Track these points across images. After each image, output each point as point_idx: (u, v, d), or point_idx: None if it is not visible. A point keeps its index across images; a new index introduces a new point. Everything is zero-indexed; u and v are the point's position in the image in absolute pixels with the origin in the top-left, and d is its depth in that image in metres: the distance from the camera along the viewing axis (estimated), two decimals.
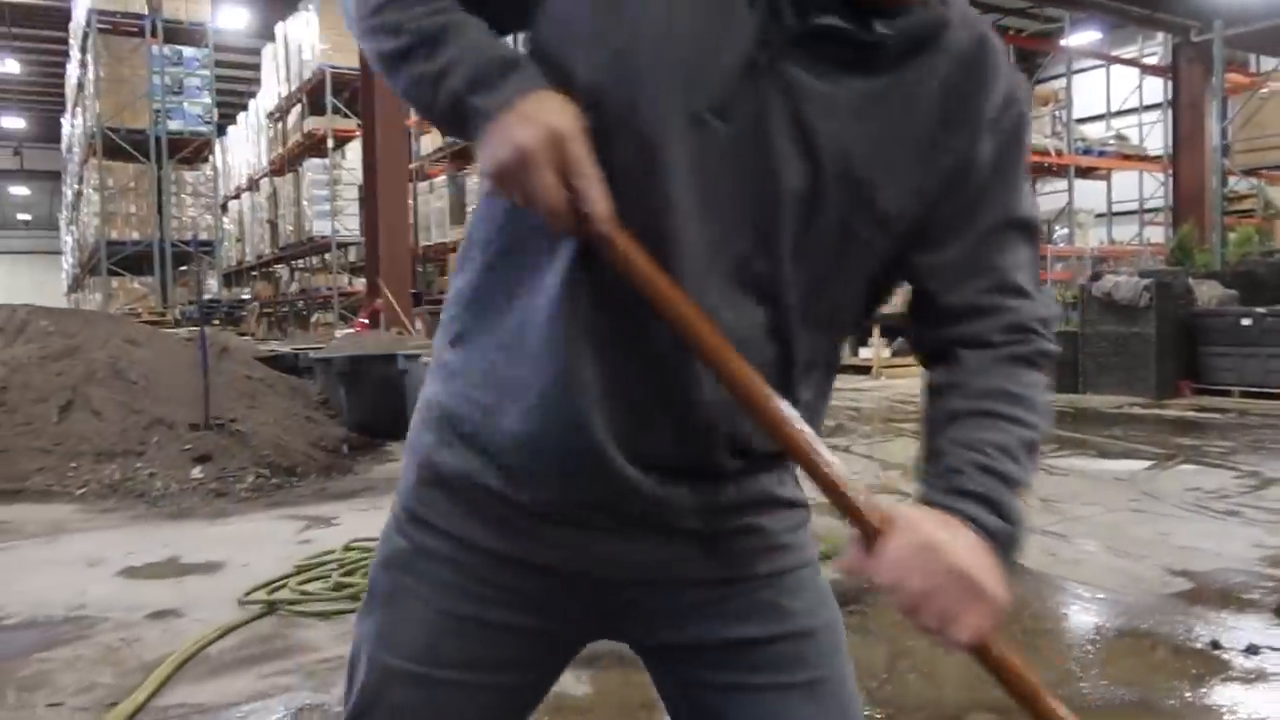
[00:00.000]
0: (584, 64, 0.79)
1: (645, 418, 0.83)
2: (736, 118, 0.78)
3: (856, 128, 0.80)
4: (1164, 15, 14.07)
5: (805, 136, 0.79)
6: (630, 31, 0.78)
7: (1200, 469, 5.45)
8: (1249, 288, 9.67)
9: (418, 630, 0.89)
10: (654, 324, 0.79)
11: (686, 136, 0.78)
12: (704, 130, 0.78)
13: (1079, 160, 14.48)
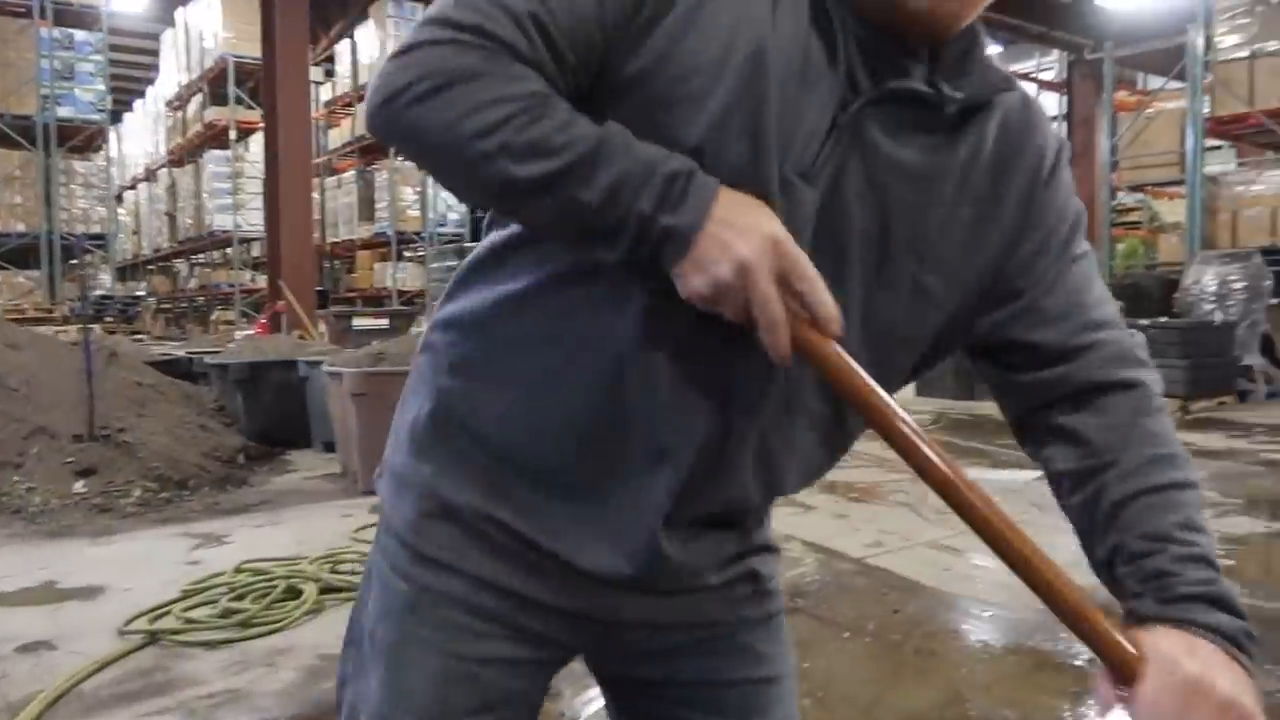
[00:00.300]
0: (690, 126, 0.77)
1: (697, 489, 0.82)
2: (819, 181, 0.79)
3: (924, 185, 0.82)
4: (1059, 34, 14.65)
5: (876, 196, 0.81)
6: (730, 93, 0.76)
7: None
8: (1135, 299, 10.12)
9: (428, 682, 0.85)
10: (721, 387, 0.80)
11: (778, 201, 0.77)
12: (792, 194, 0.78)
13: None
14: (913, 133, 0.81)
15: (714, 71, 0.76)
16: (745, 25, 0.77)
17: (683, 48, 0.76)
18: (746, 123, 0.76)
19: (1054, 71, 17.23)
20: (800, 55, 0.78)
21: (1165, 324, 8.77)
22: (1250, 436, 7.18)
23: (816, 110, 0.78)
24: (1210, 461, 6.19)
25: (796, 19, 0.78)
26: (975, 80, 0.83)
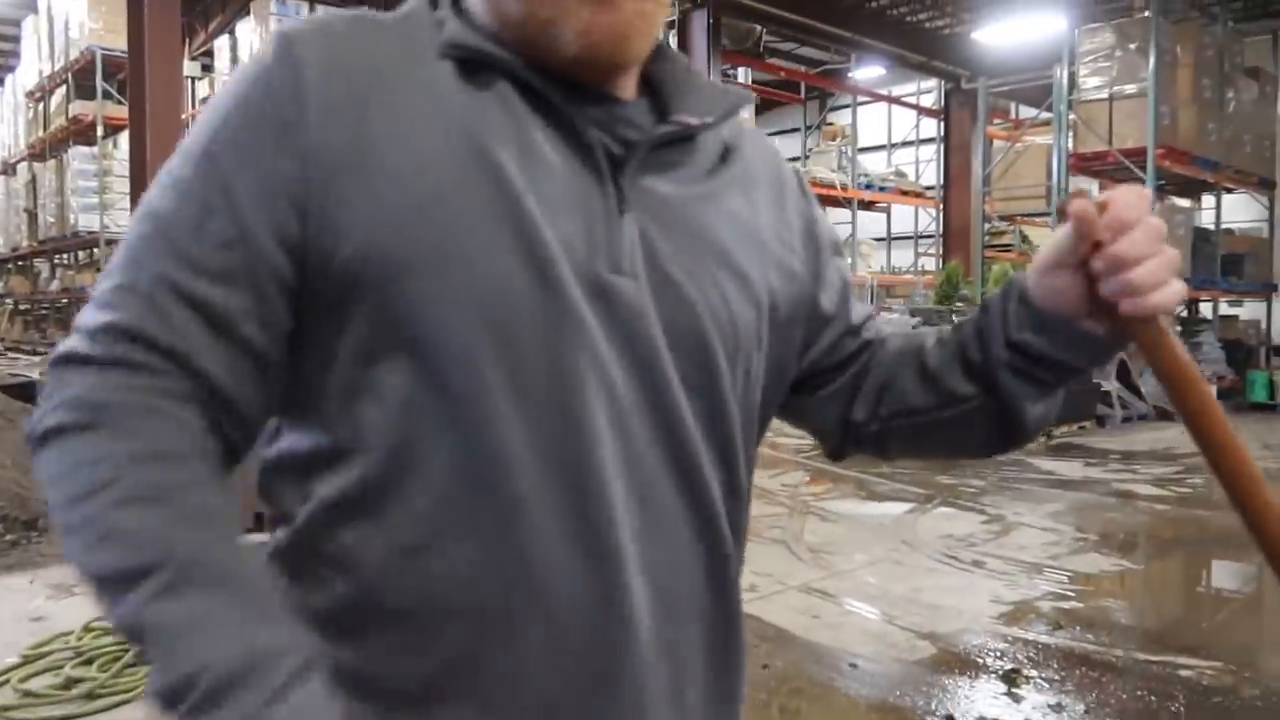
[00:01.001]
0: (442, 280, 0.63)
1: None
2: (636, 267, 0.68)
3: (721, 210, 0.75)
4: (938, 63, 15.21)
5: (689, 247, 0.71)
6: (474, 220, 0.65)
7: (954, 512, 5.89)
8: None
9: None
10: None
11: (588, 322, 0.65)
12: (617, 298, 0.66)
13: (862, 195, 15.39)
14: (682, 168, 0.74)
15: (439, 203, 0.64)
16: (443, 131, 0.66)
17: (380, 204, 0.64)
18: (511, 244, 0.64)
19: (932, 97, 17.88)
20: (522, 134, 0.67)
21: None
22: (1105, 465, 7.59)
23: (581, 188, 0.68)
24: (1068, 493, 6.51)
25: (498, 101, 0.68)
26: (708, 97, 0.76)
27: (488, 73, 0.69)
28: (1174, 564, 5.13)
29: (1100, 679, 3.28)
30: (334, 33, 0.69)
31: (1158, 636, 3.81)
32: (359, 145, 0.65)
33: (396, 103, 0.67)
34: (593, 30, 0.67)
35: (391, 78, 0.67)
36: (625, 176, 0.69)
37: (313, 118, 0.65)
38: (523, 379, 0.64)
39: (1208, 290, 11.90)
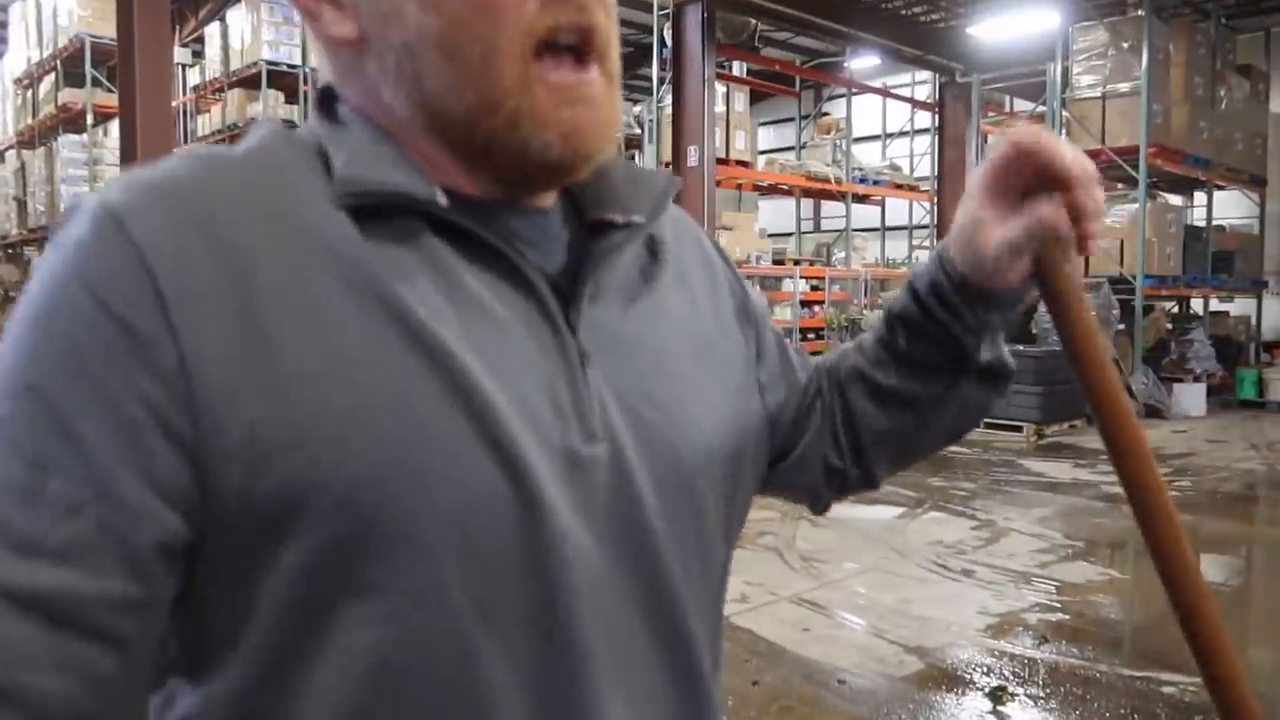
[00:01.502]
0: (395, 484, 0.52)
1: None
2: (595, 426, 0.60)
3: (664, 342, 0.67)
4: (933, 57, 15.20)
5: (625, 405, 0.62)
6: (415, 398, 0.53)
7: (944, 517, 5.93)
8: None
9: None
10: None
11: (564, 492, 0.57)
12: (587, 468, 0.58)
13: (856, 189, 15.40)
14: (619, 280, 0.66)
15: (377, 407, 0.52)
16: (359, 306, 0.53)
17: (300, 419, 0.51)
18: (472, 439, 0.53)
19: (927, 89, 17.87)
20: (455, 289, 0.57)
21: (1021, 353, 9.22)
22: (1094, 466, 7.63)
23: (535, 343, 0.59)
24: (1057, 496, 6.56)
25: (417, 250, 0.56)
26: (628, 185, 0.68)
27: (399, 216, 0.56)
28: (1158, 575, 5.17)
29: (1084, 696, 3.33)
30: (179, 194, 0.53)
31: (1142, 650, 3.86)
32: (254, 347, 0.51)
33: (292, 280, 0.52)
34: (579, 131, 0.59)
35: (274, 244, 0.53)
36: (577, 315, 0.61)
37: (178, 321, 0.50)
38: (498, 602, 0.54)
39: (1198, 287, 11.96)
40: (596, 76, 0.60)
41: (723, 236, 13.26)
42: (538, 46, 0.57)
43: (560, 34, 0.58)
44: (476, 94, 0.57)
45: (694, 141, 11.97)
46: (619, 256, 0.65)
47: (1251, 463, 7.87)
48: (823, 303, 14.64)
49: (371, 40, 0.59)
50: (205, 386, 0.50)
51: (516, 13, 0.56)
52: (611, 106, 0.61)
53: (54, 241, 0.53)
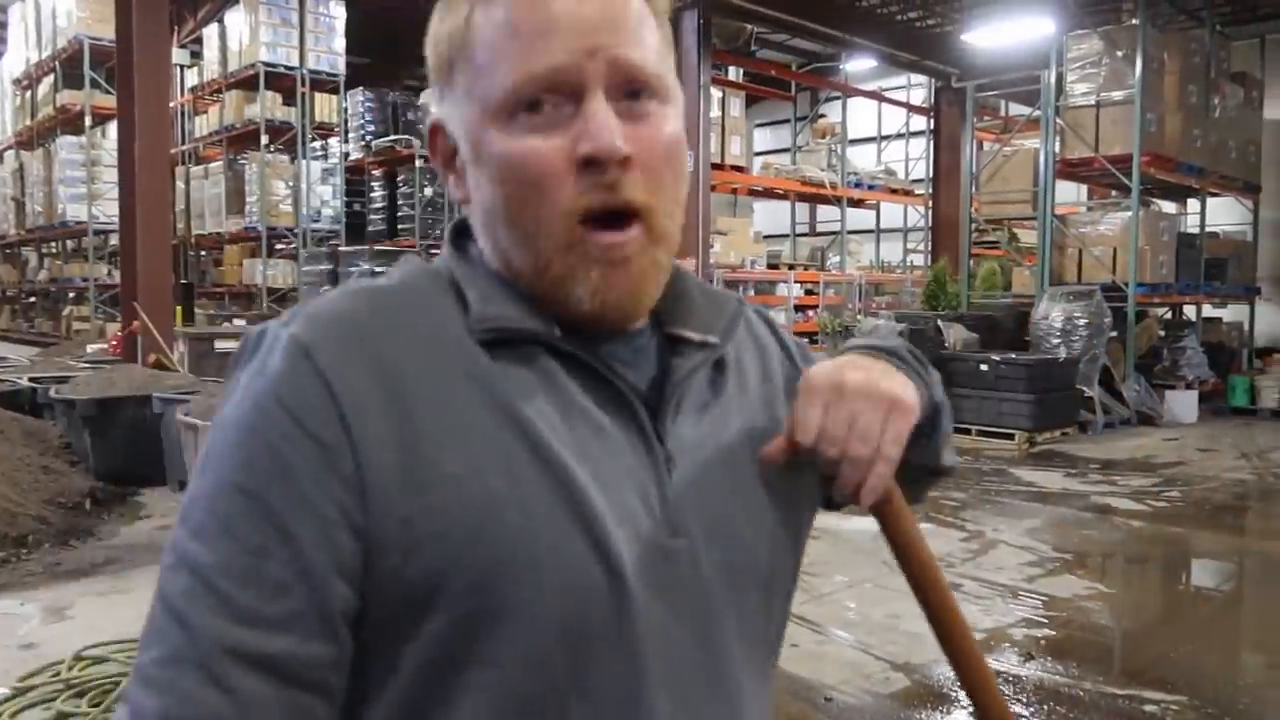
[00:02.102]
0: (521, 580, 0.63)
1: None
2: (687, 522, 0.71)
3: (732, 450, 0.76)
4: (930, 63, 15.27)
5: (723, 479, 0.74)
6: (530, 509, 0.65)
7: (934, 529, 5.98)
8: (990, 330, 10.68)
9: None
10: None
11: (651, 578, 0.68)
12: (676, 560, 0.69)
13: (851, 193, 15.44)
14: (694, 390, 0.75)
15: (504, 508, 0.63)
16: (493, 423, 0.65)
17: (443, 517, 0.62)
18: (580, 540, 0.65)
19: (922, 93, 17.92)
20: (567, 406, 0.68)
21: (1014, 360, 9.29)
22: (1085, 475, 7.69)
23: (632, 452, 0.69)
24: (1047, 507, 6.61)
25: (538, 374, 0.68)
26: (705, 309, 0.78)
27: (523, 344, 0.69)
28: (1145, 589, 5.24)
29: (1068, 715, 3.38)
30: (353, 328, 0.65)
31: (1126, 667, 3.91)
32: (410, 455, 0.63)
33: (439, 399, 0.64)
34: (607, 290, 0.68)
35: (428, 369, 0.65)
36: (664, 428, 0.71)
37: (356, 435, 0.62)
38: (590, 672, 0.65)
39: (1191, 294, 12.01)
40: (634, 236, 0.68)
41: (717, 241, 13.30)
42: (583, 217, 0.67)
43: (595, 212, 0.67)
44: (532, 255, 0.69)
45: (689, 147, 12.01)
46: (696, 376, 0.75)
47: (1242, 472, 7.93)
48: (817, 307, 14.69)
49: (474, 203, 0.73)
50: (374, 488, 0.62)
51: (558, 194, 0.67)
52: (649, 263, 0.70)
53: (246, 366, 0.66)
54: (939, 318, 10.51)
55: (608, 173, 0.66)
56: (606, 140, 0.66)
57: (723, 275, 13.08)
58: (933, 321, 10.17)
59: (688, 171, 0.74)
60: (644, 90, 0.69)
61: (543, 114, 0.67)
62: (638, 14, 0.70)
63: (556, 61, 0.66)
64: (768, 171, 14.90)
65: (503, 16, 0.67)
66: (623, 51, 0.67)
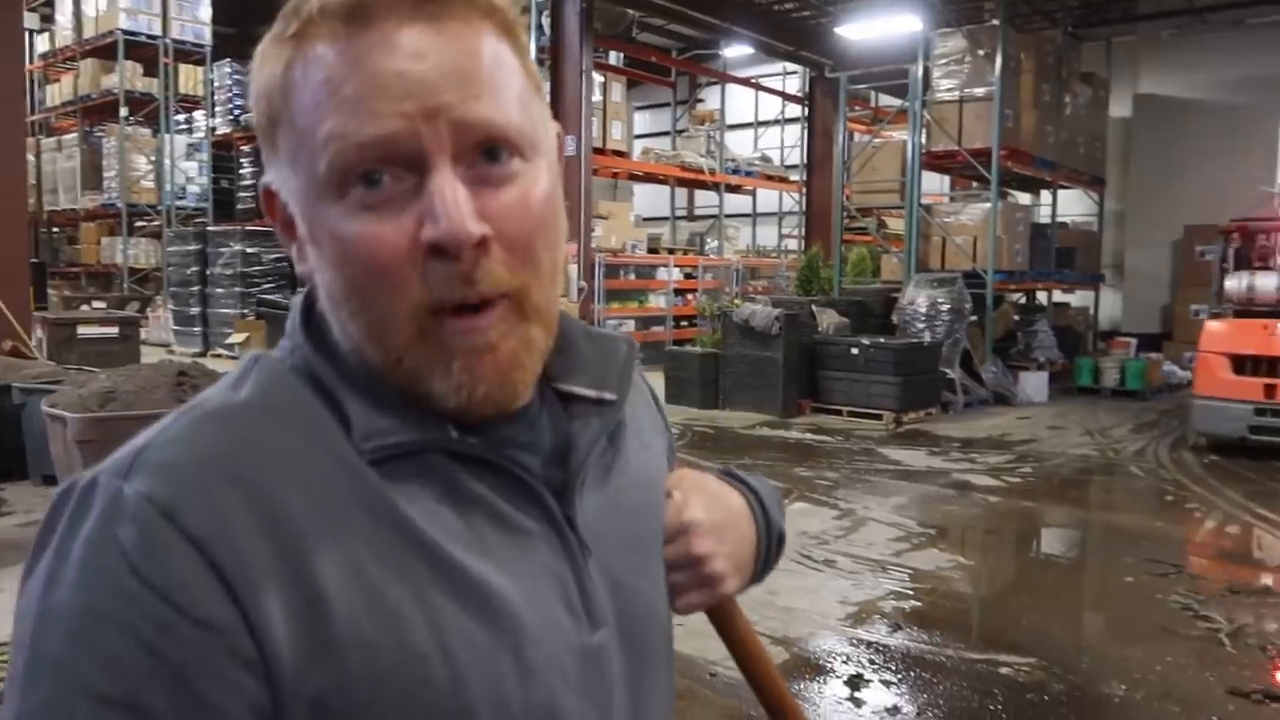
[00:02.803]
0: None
1: None
2: (603, 609, 0.66)
3: (633, 507, 0.73)
4: (804, 53, 15.70)
5: (616, 585, 0.69)
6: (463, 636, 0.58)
7: (809, 508, 6.27)
8: (860, 315, 11.15)
9: None
10: None
11: (580, 685, 0.63)
12: (600, 657, 0.65)
13: (729, 179, 15.77)
14: (605, 460, 0.71)
15: (424, 652, 0.56)
16: (397, 561, 0.56)
17: (360, 669, 0.54)
18: (504, 660, 0.59)
19: (798, 81, 18.41)
20: (469, 514, 0.61)
21: (882, 344, 9.74)
22: (947, 454, 8.16)
23: (547, 549, 0.64)
24: (913, 485, 7.01)
25: (434, 483, 0.60)
26: (602, 361, 0.72)
27: (417, 454, 0.60)
28: (1001, 559, 5.64)
29: (932, 680, 3.65)
30: (219, 473, 0.54)
31: (984, 633, 4.24)
32: (315, 623, 0.53)
33: (334, 543, 0.55)
34: (473, 383, 0.59)
35: (315, 509, 0.55)
36: (573, 510, 0.65)
37: (250, 610, 0.51)
38: None
39: (1043, 281, 12.81)
40: (494, 321, 0.59)
41: (598, 225, 13.40)
42: (435, 309, 0.57)
43: (449, 302, 0.58)
44: (382, 349, 0.59)
45: (571, 131, 12.04)
46: (599, 441, 0.69)
47: (1087, 448, 8.56)
48: (696, 291, 14.98)
49: (318, 284, 0.61)
50: (279, 665, 0.51)
51: (405, 287, 0.57)
52: (520, 344, 0.60)
53: (74, 533, 0.52)
54: (812, 302, 10.89)
55: (461, 261, 0.56)
56: (455, 225, 0.55)
57: (604, 259, 13.19)
58: (806, 306, 10.54)
59: (564, 226, 0.64)
60: (504, 149, 0.58)
61: (382, 189, 0.56)
62: (491, 59, 0.58)
63: (388, 129, 0.55)
64: (648, 156, 15.07)
65: (323, 75, 0.56)
66: (471, 109, 0.57)
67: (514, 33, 0.61)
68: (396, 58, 0.55)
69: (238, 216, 18.06)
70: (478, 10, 0.58)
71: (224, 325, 14.28)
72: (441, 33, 0.57)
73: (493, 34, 0.59)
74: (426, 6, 0.56)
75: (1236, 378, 8.00)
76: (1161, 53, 14.44)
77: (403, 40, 0.56)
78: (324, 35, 0.56)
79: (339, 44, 0.56)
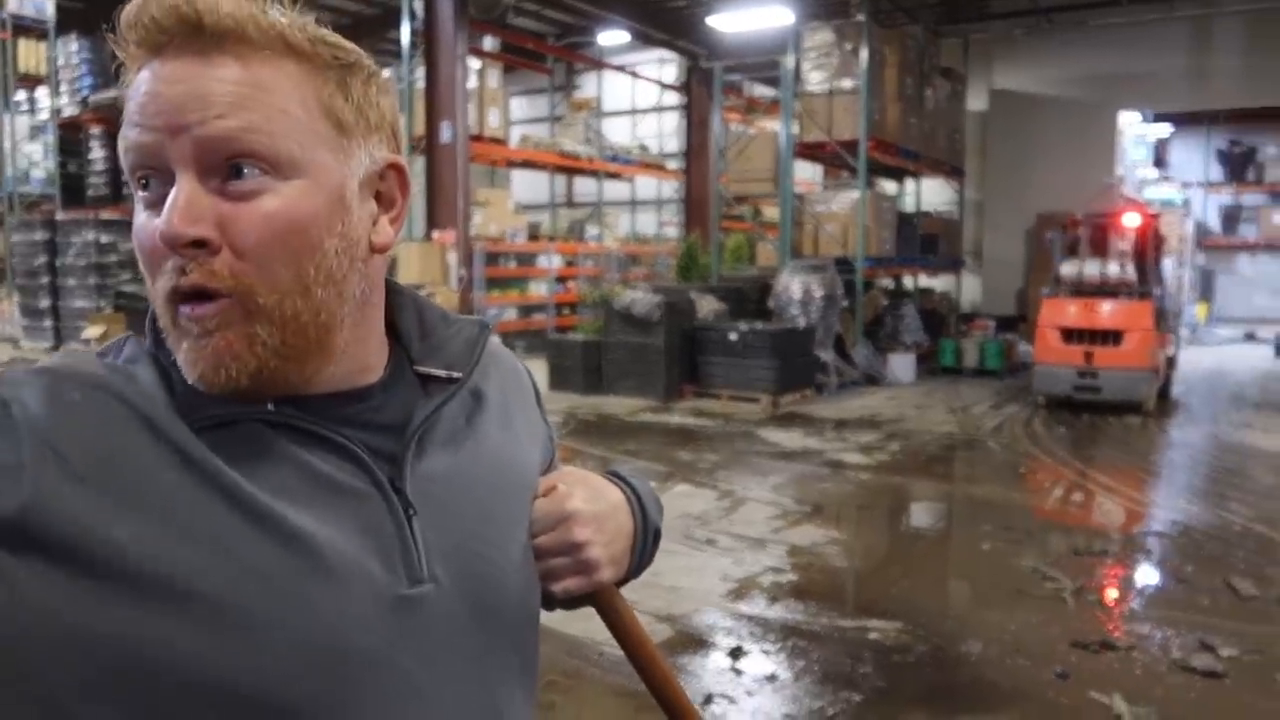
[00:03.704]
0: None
1: None
2: (433, 568, 0.72)
3: (487, 481, 0.79)
4: (680, 42, 15.89)
5: (448, 544, 0.74)
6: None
7: (691, 489, 6.43)
8: (737, 301, 11.42)
9: None
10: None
11: (387, 632, 0.68)
12: (418, 608, 0.70)
13: (608, 166, 15.84)
14: (446, 423, 0.78)
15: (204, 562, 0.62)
16: (193, 496, 0.63)
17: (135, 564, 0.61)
18: (304, 590, 0.64)
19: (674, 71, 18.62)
20: (290, 471, 0.68)
21: (759, 330, 10.01)
22: (822, 434, 8.48)
23: (367, 506, 0.70)
24: (790, 465, 7.26)
25: (260, 447, 0.68)
26: (451, 341, 0.81)
27: (236, 423, 0.68)
28: (871, 532, 5.91)
29: (807, 648, 3.83)
30: (64, 402, 0.64)
31: (855, 602, 4.46)
32: (99, 516, 0.60)
33: (146, 480, 0.63)
34: (193, 364, 0.67)
35: (137, 452, 0.64)
36: (404, 472, 0.73)
37: (37, 477, 0.60)
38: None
39: (909, 266, 13.38)
40: (213, 313, 0.66)
41: (478, 213, 13.28)
42: (168, 294, 0.66)
43: (179, 292, 0.66)
44: (163, 326, 0.69)
45: (447, 117, 11.88)
46: (440, 414, 0.77)
47: (950, 425, 9.03)
48: (576, 278, 15.02)
49: None
50: (43, 501, 0.60)
51: (157, 272, 0.67)
52: (240, 338, 0.66)
53: None
54: (691, 290, 11.10)
55: (183, 255, 0.65)
56: (170, 225, 0.64)
57: (484, 247, 13.08)
58: (685, 293, 10.73)
59: (322, 242, 0.69)
60: (248, 165, 0.65)
61: (150, 190, 0.67)
62: (252, 86, 0.65)
63: (143, 140, 0.65)
64: (526, 144, 14.99)
65: (131, 91, 0.67)
66: (211, 127, 0.64)
67: (318, 63, 0.69)
68: (158, 83, 0.65)
69: (89, 203, 17.09)
70: (261, 43, 0.67)
71: (78, 319, 13.53)
72: (206, 64, 0.65)
73: (269, 66, 0.67)
74: (198, 43, 0.65)
75: (1065, 346, 9.56)
76: (1014, 50, 15.24)
77: (168, 69, 0.65)
78: (137, 56, 0.67)
79: (141, 71, 0.67)
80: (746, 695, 3.43)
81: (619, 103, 19.96)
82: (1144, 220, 10.04)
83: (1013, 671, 3.64)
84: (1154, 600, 4.53)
